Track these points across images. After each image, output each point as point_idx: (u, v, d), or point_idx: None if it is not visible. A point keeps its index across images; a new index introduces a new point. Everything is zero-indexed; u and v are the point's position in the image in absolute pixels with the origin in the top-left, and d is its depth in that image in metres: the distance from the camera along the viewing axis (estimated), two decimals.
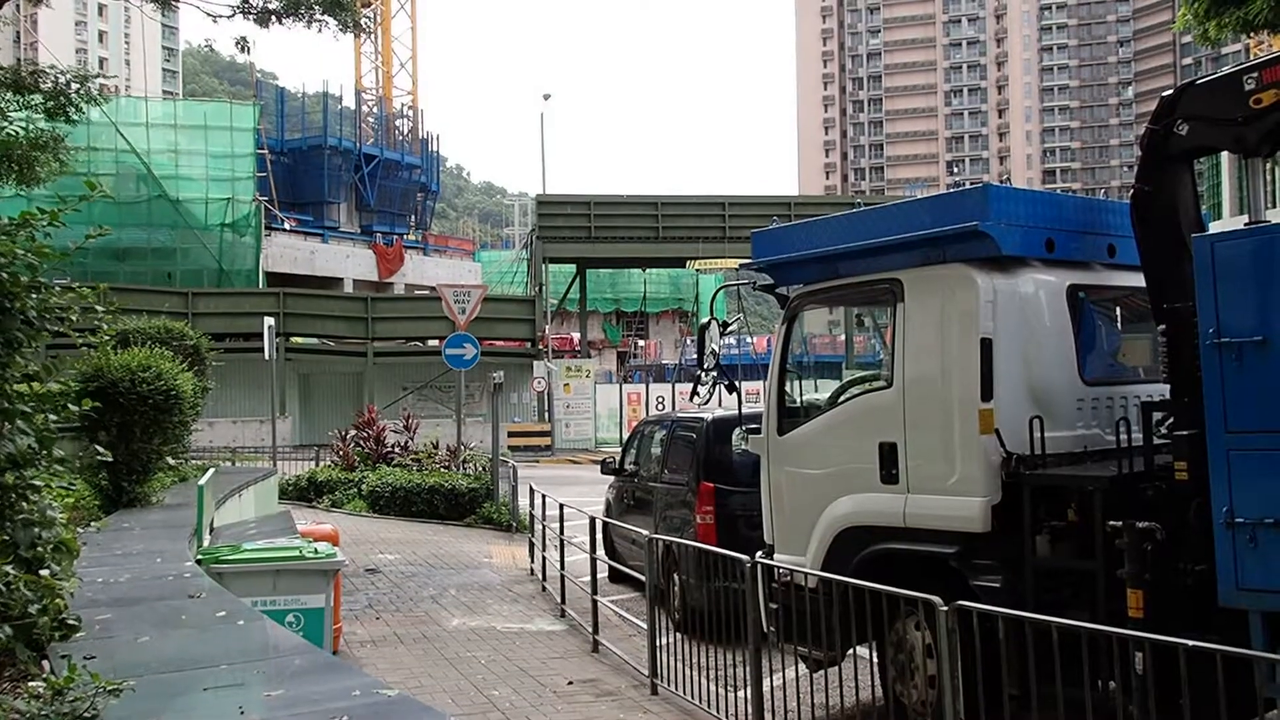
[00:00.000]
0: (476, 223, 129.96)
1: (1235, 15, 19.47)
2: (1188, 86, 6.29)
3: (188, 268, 40.24)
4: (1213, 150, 6.93)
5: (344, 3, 16.06)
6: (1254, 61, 6.04)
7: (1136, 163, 6.67)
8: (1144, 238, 6.33)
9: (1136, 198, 6.39)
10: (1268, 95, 5.79)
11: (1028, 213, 6.66)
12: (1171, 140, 6.19)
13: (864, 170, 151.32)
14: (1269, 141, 6.09)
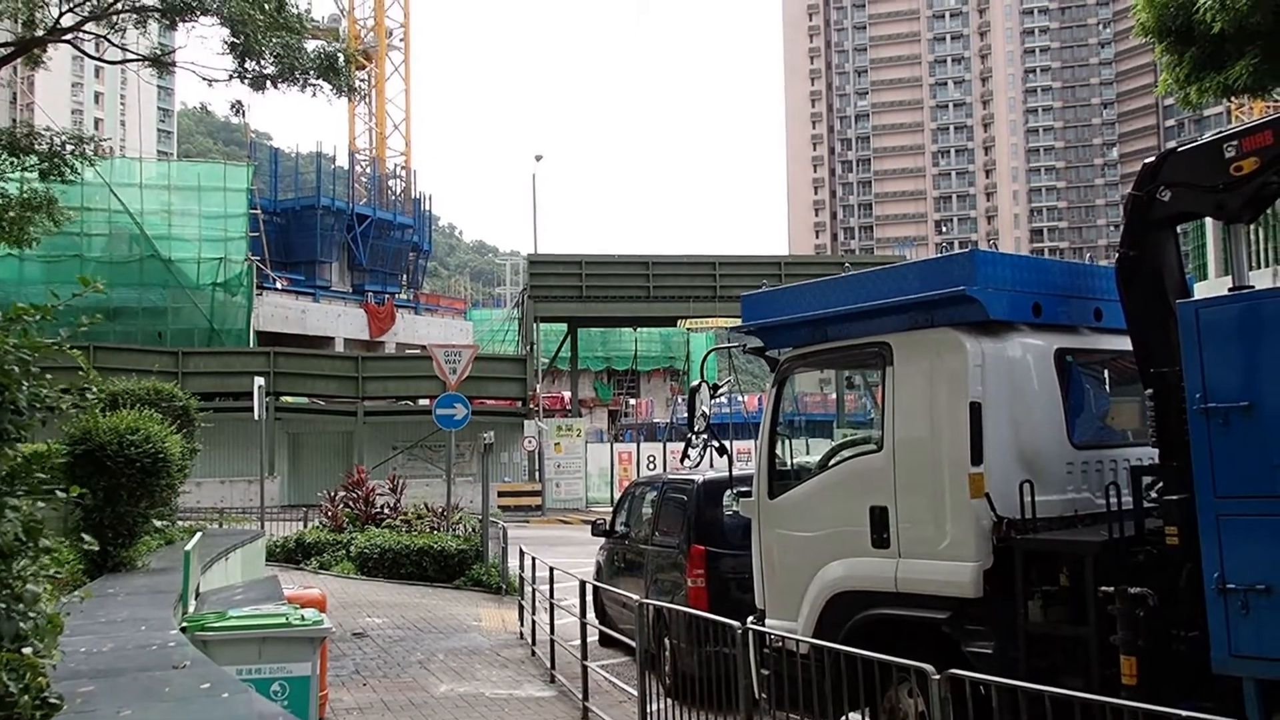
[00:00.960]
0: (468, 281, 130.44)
1: (1215, 80, 19.81)
2: (1169, 153, 6.39)
3: (179, 327, 40.25)
4: (1195, 216, 7.02)
5: (338, 68, 16.27)
6: (1234, 129, 6.14)
7: (1121, 227, 6.74)
8: (1129, 302, 6.39)
9: (1121, 262, 6.45)
10: (1248, 163, 5.88)
11: (1014, 277, 6.72)
12: (1155, 206, 6.27)
13: (854, 229, 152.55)
14: (1251, 208, 6.17)
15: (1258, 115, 53.00)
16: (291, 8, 17.89)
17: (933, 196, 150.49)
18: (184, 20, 16.87)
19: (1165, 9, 19.41)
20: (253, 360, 35.69)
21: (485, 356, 36.32)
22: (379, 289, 52.79)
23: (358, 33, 62.28)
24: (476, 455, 28.65)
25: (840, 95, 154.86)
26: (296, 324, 45.62)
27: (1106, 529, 5.97)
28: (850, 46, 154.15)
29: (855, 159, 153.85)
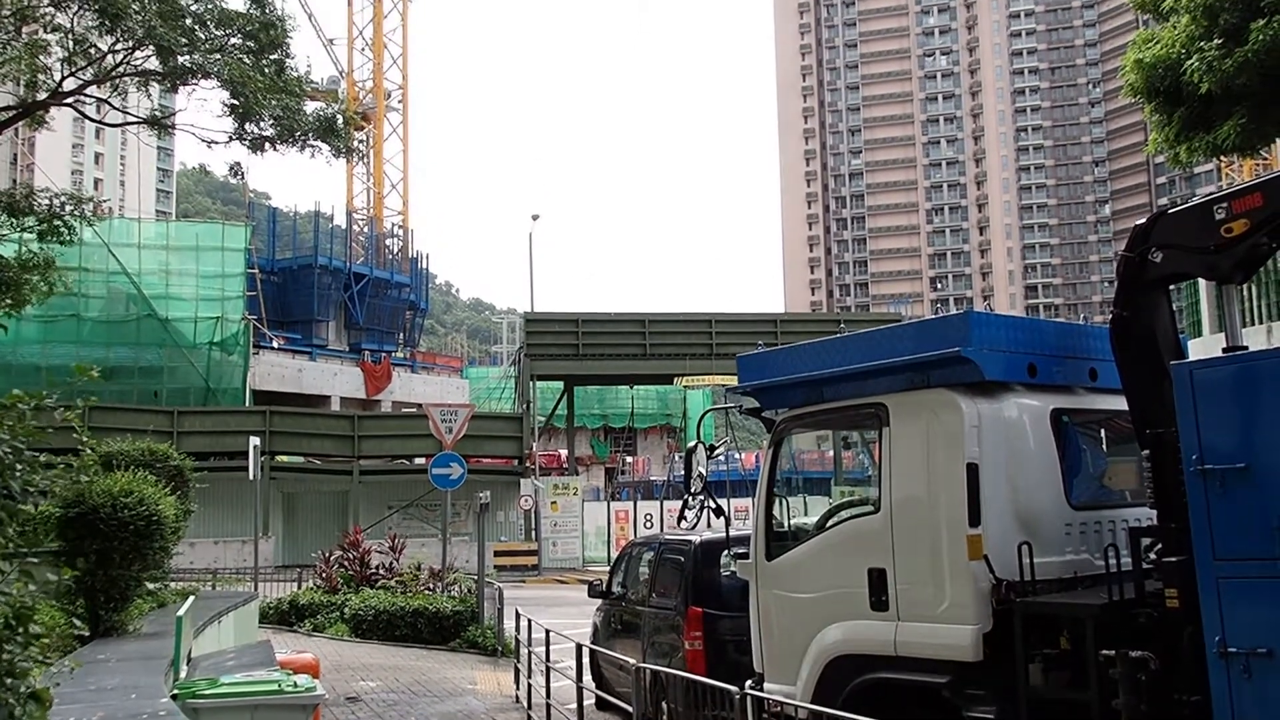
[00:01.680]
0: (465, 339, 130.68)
1: (1204, 140, 20.04)
2: (1160, 215, 6.44)
3: (174, 386, 40.23)
4: (1187, 277, 7.07)
5: (337, 129, 16.43)
6: (1223, 192, 6.20)
7: (1115, 287, 6.78)
8: (1124, 362, 6.41)
9: (1115, 323, 6.48)
10: (1238, 224, 5.93)
11: (1009, 338, 6.74)
12: (1147, 267, 6.31)
13: (849, 286, 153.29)
14: (1242, 269, 6.20)
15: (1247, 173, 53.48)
16: (291, 70, 18.12)
17: (927, 253, 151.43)
18: (185, 83, 17.05)
19: (1153, 70, 19.69)
20: (248, 419, 35.64)
21: (482, 415, 36.27)
22: (375, 347, 52.90)
23: (356, 94, 63.07)
24: (472, 515, 28.53)
25: (834, 154, 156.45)
26: (293, 383, 45.62)
27: (1106, 591, 5.93)
28: (844, 106, 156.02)
29: (850, 216, 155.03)
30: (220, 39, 17.21)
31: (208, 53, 16.57)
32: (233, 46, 17.25)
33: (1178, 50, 18.94)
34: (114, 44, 16.78)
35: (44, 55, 17.78)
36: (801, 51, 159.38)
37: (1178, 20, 19.28)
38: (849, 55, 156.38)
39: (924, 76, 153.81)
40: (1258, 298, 18.19)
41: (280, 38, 16.98)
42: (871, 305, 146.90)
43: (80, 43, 16.64)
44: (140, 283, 40.21)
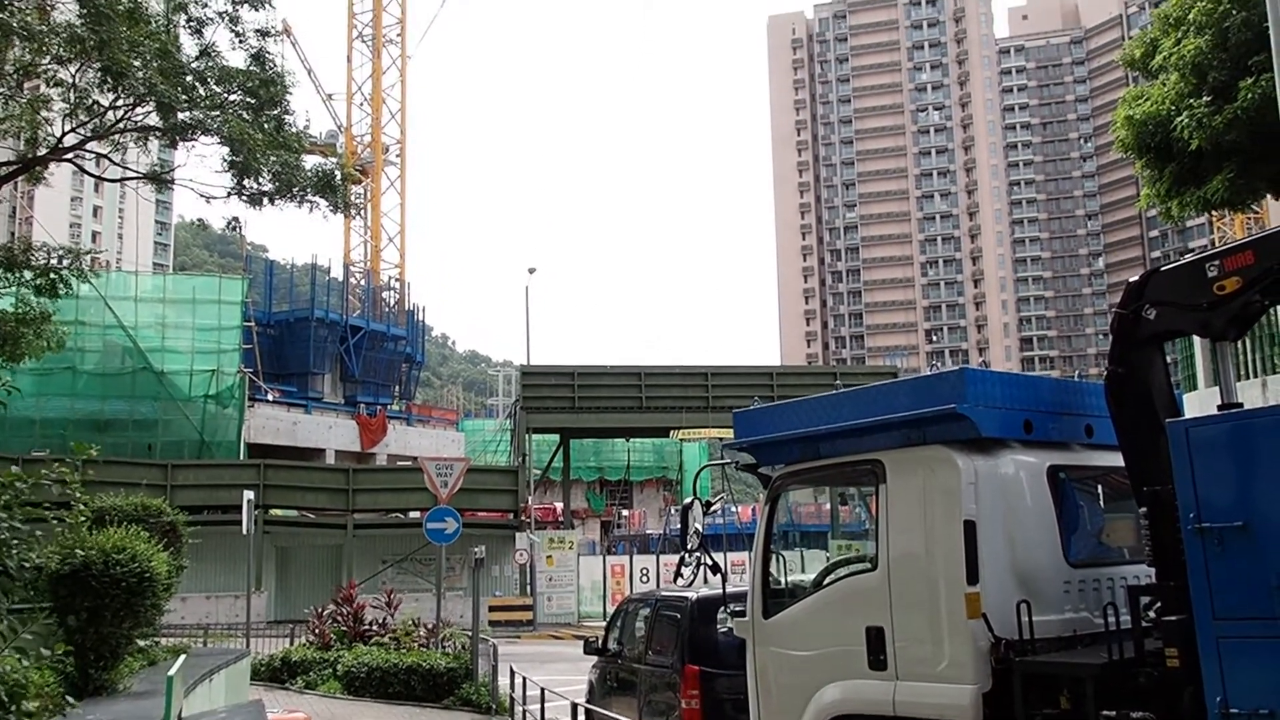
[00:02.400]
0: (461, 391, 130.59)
1: (1195, 195, 20.23)
2: (1153, 273, 6.48)
3: (169, 439, 40.09)
4: (1181, 334, 7.10)
5: (335, 185, 16.53)
6: (1215, 249, 6.24)
7: (1109, 343, 6.81)
8: (1120, 419, 6.42)
9: (1110, 379, 6.50)
10: (1230, 282, 5.96)
11: (1004, 394, 6.75)
12: (1141, 324, 6.34)
13: (845, 338, 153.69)
14: (1235, 326, 6.23)
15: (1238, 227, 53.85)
16: (290, 126, 18.29)
17: (922, 306, 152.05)
18: (185, 140, 17.18)
19: (1143, 127, 19.92)
20: (243, 473, 35.49)
21: (477, 468, 36.12)
22: (371, 400, 52.84)
23: (355, 148, 63.60)
24: (467, 569, 28.30)
25: (829, 207, 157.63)
26: (288, 436, 45.51)
27: (1106, 650, 5.89)
28: (838, 160, 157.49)
29: (845, 269, 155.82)
30: (220, 96, 17.38)
31: (208, 109, 16.73)
32: (232, 103, 17.42)
33: (1167, 107, 19.19)
34: (115, 100, 16.94)
35: (45, 110, 17.95)
36: (796, 106, 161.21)
37: (1167, 78, 19.55)
38: (843, 110, 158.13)
39: (917, 131, 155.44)
40: (1252, 351, 18.23)
41: (280, 94, 17.16)
42: (867, 357, 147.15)
43: (82, 98, 16.80)
44: (136, 336, 40.23)
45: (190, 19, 17.45)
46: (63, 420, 38.34)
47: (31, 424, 36.29)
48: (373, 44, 64.54)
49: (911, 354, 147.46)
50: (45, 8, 17.10)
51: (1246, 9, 17.68)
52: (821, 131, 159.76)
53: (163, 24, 17.35)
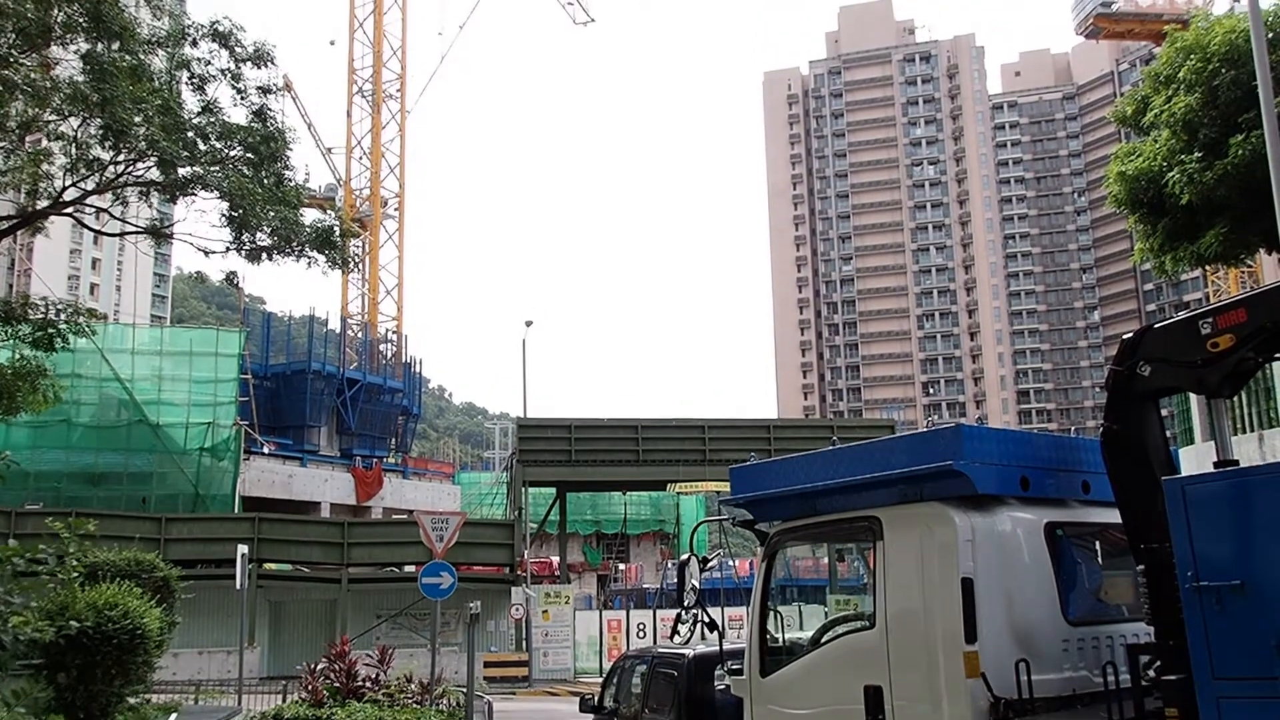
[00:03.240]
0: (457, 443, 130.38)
1: (1188, 249, 20.37)
2: (1147, 330, 6.51)
3: (164, 492, 39.92)
4: (1176, 391, 7.12)
5: (333, 241, 16.63)
6: (1208, 307, 6.28)
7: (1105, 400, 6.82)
8: (1116, 476, 6.41)
9: (1106, 436, 6.51)
10: (1224, 339, 6.00)
11: (1000, 451, 6.75)
12: (1136, 381, 6.36)
13: (841, 391, 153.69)
14: (1230, 383, 6.25)
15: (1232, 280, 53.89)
16: (289, 182, 18.45)
17: (919, 358, 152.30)
18: (185, 194, 17.31)
19: (1136, 182, 20.11)
20: (237, 526, 35.27)
21: (473, 522, 35.94)
22: (367, 453, 52.68)
23: (354, 201, 64.00)
24: (462, 624, 28.08)
25: (825, 260, 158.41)
26: (283, 489, 45.30)
27: (1106, 710, 5.84)
28: (834, 214, 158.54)
29: (841, 321, 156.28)
30: (221, 151, 17.55)
31: (208, 165, 16.88)
32: (233, 158, 17.59)
33: (1159, 163, 19.39)
34: (116, 155, 17.09)
35: (46, 163, 18.10)
36: (792, 160, 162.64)
37: (1158, 134, 19.78)
38: (838, 164, 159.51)
39: (912, 185, 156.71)
40: (1248, 404, 18.26)
41: (280, 150, 17.33)
42: (864, 410, 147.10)
43: (83, 153, 16.95)
44: (133, 388, 40.20)
45: (193, 76, 17.67)
46: (58, 473, 38.20)
47: (26, 476, 36.11)
48: (373, 99, 65.19)
49: (908, 407, 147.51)
50: (49, 63, 17.31)
51: (1235, 68, 17.95)
52: (817, 185, 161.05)
53: (165, 80, 17.56)
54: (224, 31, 17.47)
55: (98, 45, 15.98)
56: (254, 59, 17.68)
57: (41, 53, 16.51)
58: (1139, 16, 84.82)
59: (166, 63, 17.90)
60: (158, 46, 17.50)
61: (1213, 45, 18.28)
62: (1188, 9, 72.31)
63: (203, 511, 39.07)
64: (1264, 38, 15.97)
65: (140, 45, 16.79)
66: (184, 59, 17.71)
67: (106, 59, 15.61)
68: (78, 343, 23.06)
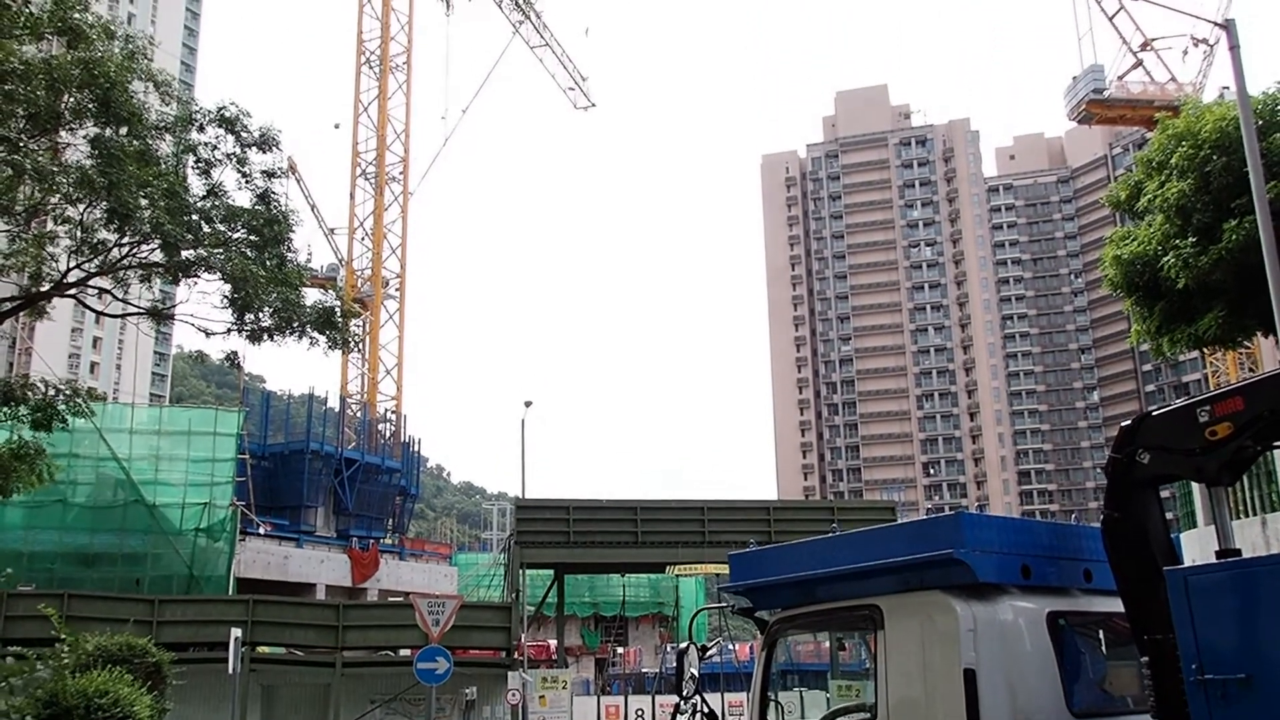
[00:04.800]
0: (455, 523, 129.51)
1: (1185, 332, 20.46)
2: (1145, 417, 6.51)
3: (158, 574, 39.50)
4: (1176, 478, 7.09)
5: (334, 322, 16.71)
6: (1206, 395, 6.29)
7: (1104, 488, 6.79)
8: (1117, 564, 6.36)
9: (1106, 523, 6.47)
10: (1222, 427, 5.99)
11: (1001, 539, 6.70)
12: (1135, 468, 6.34)
13: (842, 471, 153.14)
14: (1229, 471, 6.23)
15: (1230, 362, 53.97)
16: (291, 263, 18.60)
17: (919, 439, 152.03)
18: (188, 276, 17.45)
19: (1131, 266, 20.29)
20: (231, 609, 34.79)
21: (470, 605, 35.47)
22: (364, 534, 52.29)
23: (355, 282, 64.47)
24: (458, 709, 27.63)
25: (824, 340, 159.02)
26: (278, 570, 44.87)
27: None
28: (832, 294, 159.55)
29: (841, 401, 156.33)
30: (224, 234, 17.73)
31: (212, 247, 17.04)
32: (236, 241, 17.77)
33: (1154, 247, 19.58)
34: (121, 238, 17.26)
35: (50, 245, 18.25)
36: (790, 241, 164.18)
37: (1152, 219, 20.00)
38: (836, 245, 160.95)
39: (910, 266, 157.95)
40: (1250, 488, 18.20)
41: (284, 233, 17.52)
42: (865, 490, 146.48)
43: (88, 236, 17.12)
44: (130, 468, 40.02)
45: (199, 160, 17.93)
46: (51, 554, 37.83)
47: (20, 557, 35.76)
48: (376, 181, 66.02)
49: (909, 487, 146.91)
50: (58, 148, 17.57)
51: (1226, 154, 18.21)
52: (816, 266, 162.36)
53: (172, 164, 17.81)
54: (230, 117, 17.78)
55: (106, 130, 16.24)
56: (259, 144, 17.97)
57: (51, 137, 16.77)
58: (1130, 103, 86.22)
59: (173, 147, 18.17)
60: (165, 131, 17.78)
61: (1204, 132, 18.58)
62: (1178, 96, 73.61)
63: (197, 593, 38.61)
64: (1253, 126, 16.25)
65: (148, 130, 17.06)
66: (190, 143, 17.99)
67: (114, 143, 15.85)
68: (76, 422, 23.07)
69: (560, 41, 74.91)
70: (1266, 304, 16.35)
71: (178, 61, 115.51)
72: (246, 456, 44.71)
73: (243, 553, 42.46)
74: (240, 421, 44.35)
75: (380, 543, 53.17)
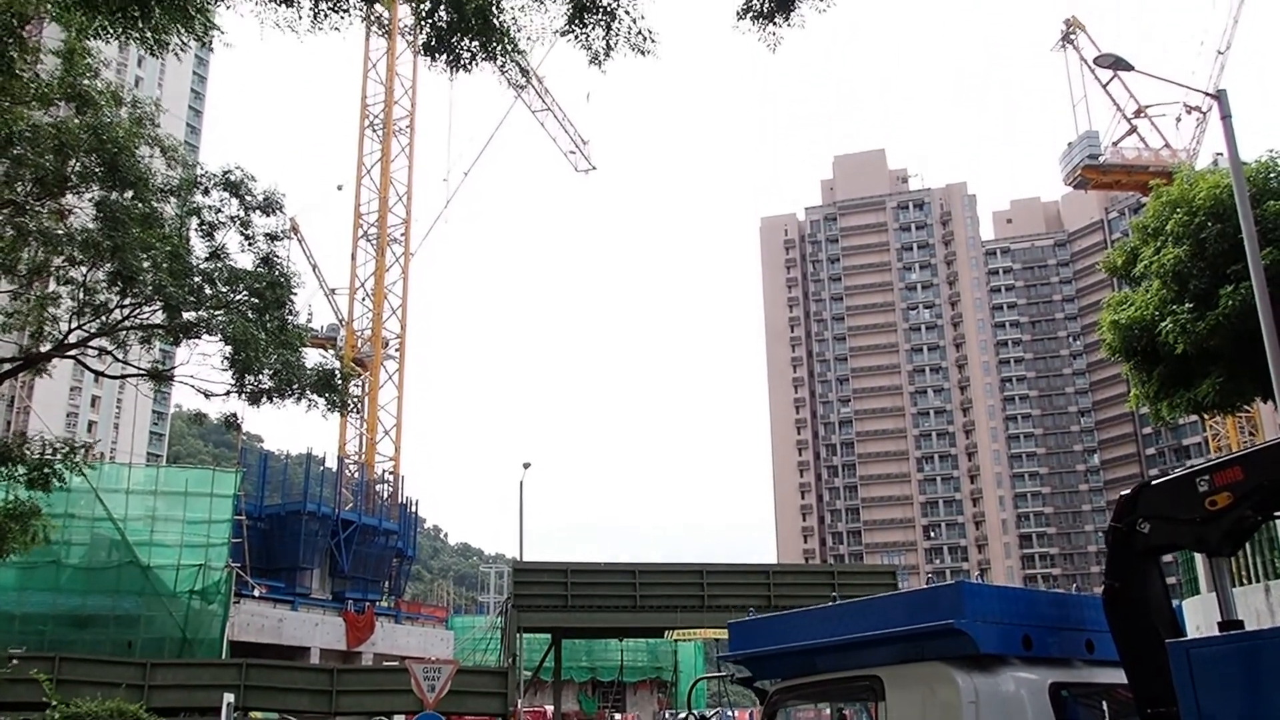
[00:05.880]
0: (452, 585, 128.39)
1: (1184, 397, 20.47)
2: (1144, 487, 6.49)
3: (150, 636, 39.06)
4: (1177, 548, 7.06)
5: (334, 384, 16.73)
6: (1204, 464, 6.27)
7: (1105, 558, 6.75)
8: (1119, 636, 6.31)
9: (1108, 594, 6.42)
10: (1221, 497, 5.97)
11: (1002, 609, 6.66)
12: (1135, 538, 6.31)
13: (841, 534, 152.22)
14: (1230, 541, 6.19)
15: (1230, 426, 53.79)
16: (292, 325, 18.67)
17: (919, 501, 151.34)
18: (189, 338, 17.51)
19: (1129, 331, 20.36)
20: (224, 672, 34.35)
21: (466, 669, 35.08)
22: (360, 596, 51.83)
23: (355, 342, 64.60)
24: None
25: (823, 401, 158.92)
26: (272, 633, 44.40)
27: None
28: (831, 356, 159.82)
29: (840, 464, 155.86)
30: (226, 295, 17.82)
31: (213, 309, 17.11)
32: (238, 302, 17.85)
33: (1151, 312, 19.66)
34: (123, 299, 17.34)
35: (52, 306, 18.33)
36: (789, 304, 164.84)
37: (1149, 284, 20.10)
38: (835, 307, 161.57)
39: (909, 328, 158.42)
40: (1253, 555, 18.11)
41: (285, 295, 17.61)
42: (865, 553, 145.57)
43: (90, 297, 17.21)
44: (125, 528, 39.76)
45: (203, 223, 18.07)
46: (44, 615, 37.44)
47: (11, 619, 35.41)
48: (377, 242, 66.45)
49: (909, 550, 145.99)
50: (63, 211, 17.72)
51: (1221, 221, 18.37)
52: (815, 328, 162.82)
53: (176, 227, 17.95)
54: (235, 181, 17.96)
55: (112, 194, 16.39)
56: (263, 207, 18.14)
57: (57, 200, 16.92)
58: (1125, 168, 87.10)
59: (178, 209, 18.33)
60: (170, 195, 17.95)
61: (1198, 199, 18.76)
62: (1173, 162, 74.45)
63: (190, 656, 38.15)
64: (1246, 194, 16.40)
65: (154, 193, 17.23)
66: (195, 206, 18.15)
67: (120, 207, 15.99)
68: (72, 481, 22.98)
69: (561, 105, 75.94)
70: (1264, 369, 16.39)
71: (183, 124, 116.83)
72: (243, 517, 44.47)
73: (237, 615, 42.04)
74: (237, 482, 44.17)
75: (376, 605, 52.67)
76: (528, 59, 9.31)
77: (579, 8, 8.38)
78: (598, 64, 8.62)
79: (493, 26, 8.27)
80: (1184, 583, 19.83)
